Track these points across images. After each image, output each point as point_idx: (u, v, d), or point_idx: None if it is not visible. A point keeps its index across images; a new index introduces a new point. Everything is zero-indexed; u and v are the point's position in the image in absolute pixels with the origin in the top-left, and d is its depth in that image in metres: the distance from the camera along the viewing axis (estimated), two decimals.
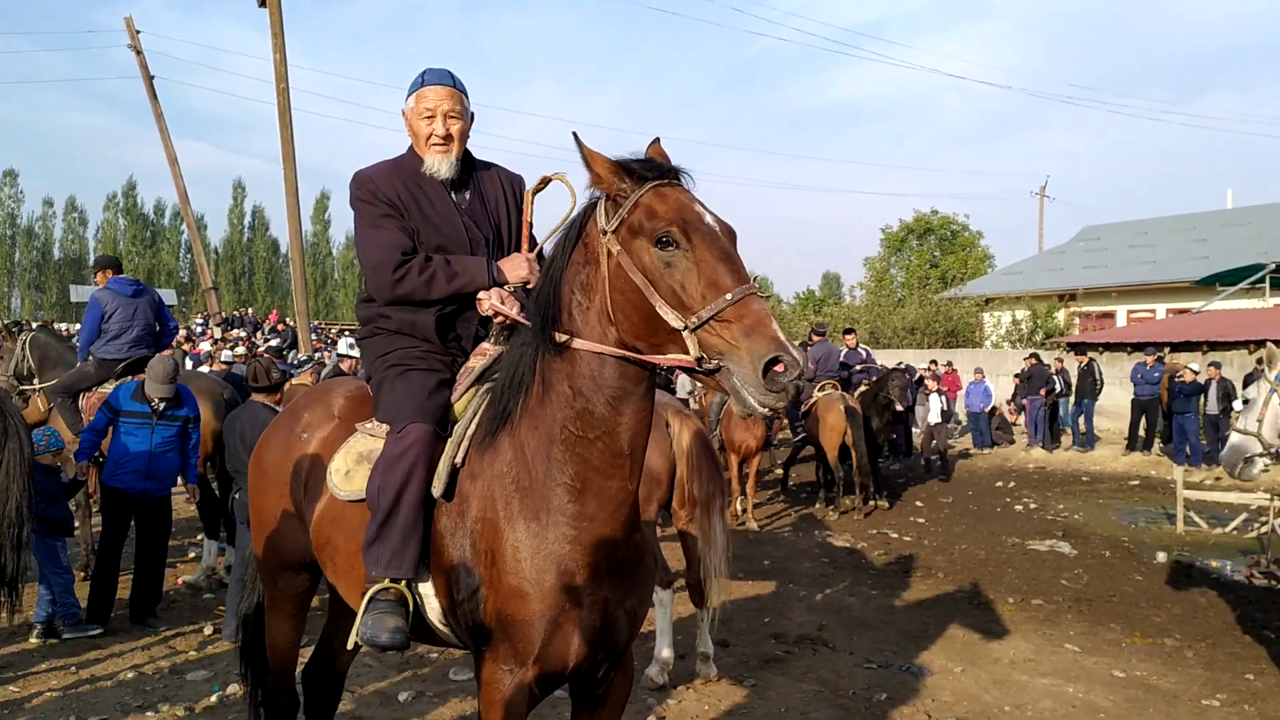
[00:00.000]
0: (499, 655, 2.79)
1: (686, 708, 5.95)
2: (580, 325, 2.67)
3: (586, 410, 2.66)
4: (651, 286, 2.45)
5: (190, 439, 7.73)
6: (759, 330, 2.30)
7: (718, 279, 2.39)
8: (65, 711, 5.62)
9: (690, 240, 2.44)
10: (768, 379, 2.26)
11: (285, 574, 3.72)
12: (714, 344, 2.35)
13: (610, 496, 2.73)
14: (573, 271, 2.70)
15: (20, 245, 74.18)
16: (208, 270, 31.15)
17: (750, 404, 2.31)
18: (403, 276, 3.22)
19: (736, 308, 2.34)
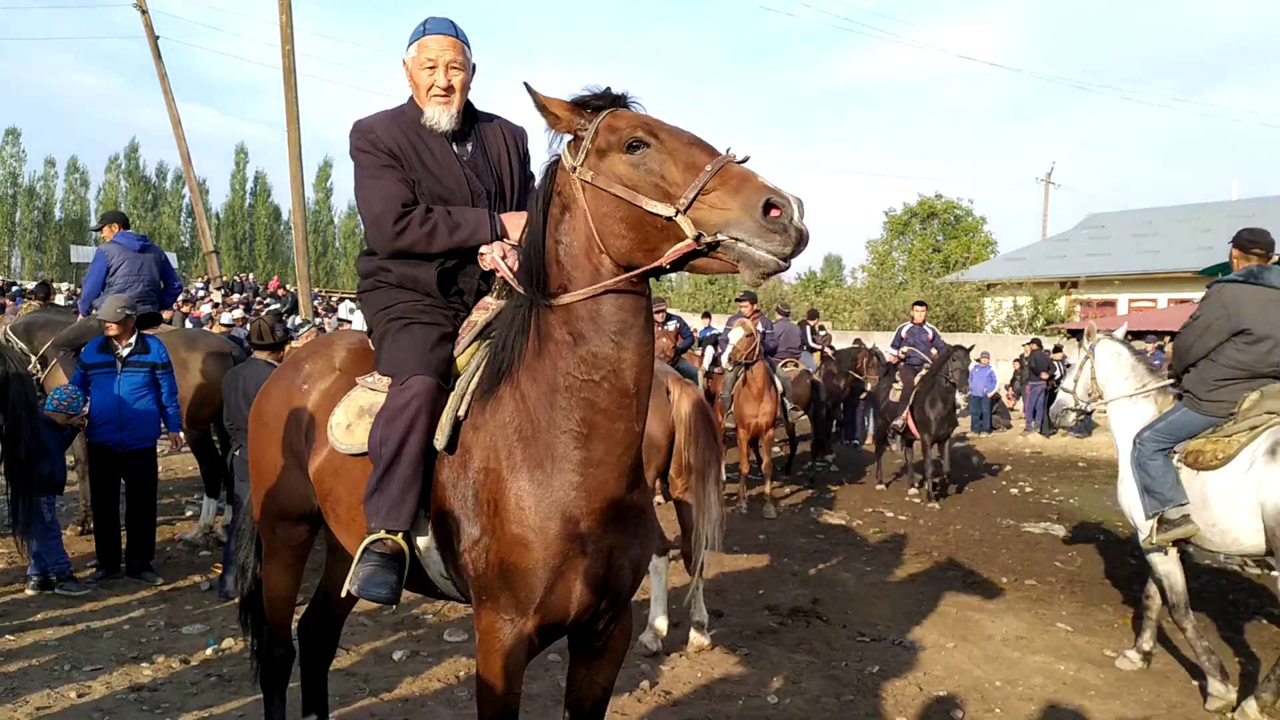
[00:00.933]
0: (500, 605, 2.80)
1: (680, 674, 5.98)
2: (570, 271, 2.66)
3: (590, 353, 2.64)
4: (634, 190, 2.46)
5: (163, 388, 7.69)
6: (745, 185, 2.31)
7: (693, 159, 2.41)
8: (60, 661, 5.65)
9: (658, 136, 2.48)
10: (766, 223, 2.25)
11: (284, 524, 3.73)
12: (707, 217, 2.34)
13: (618, 440, 2.72)
14: (552, 224, 2.69)
15: (21, 205, 73.92)
16: (209, 234, 31.06)
17: (760, 257, 2.28)
18: (404, 229, 3.20)
19: (718, 177, 2.35)
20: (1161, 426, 6.19)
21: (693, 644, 6.41)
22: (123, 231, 8.84)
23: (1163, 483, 6.01)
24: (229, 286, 34.26)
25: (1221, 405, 5.85)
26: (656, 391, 6.20)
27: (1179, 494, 5.93)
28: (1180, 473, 5.98)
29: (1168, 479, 5.99)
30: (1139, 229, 36.70)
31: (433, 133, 3.37)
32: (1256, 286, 5.83)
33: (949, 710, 5.54)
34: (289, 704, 4.13)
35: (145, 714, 4.96)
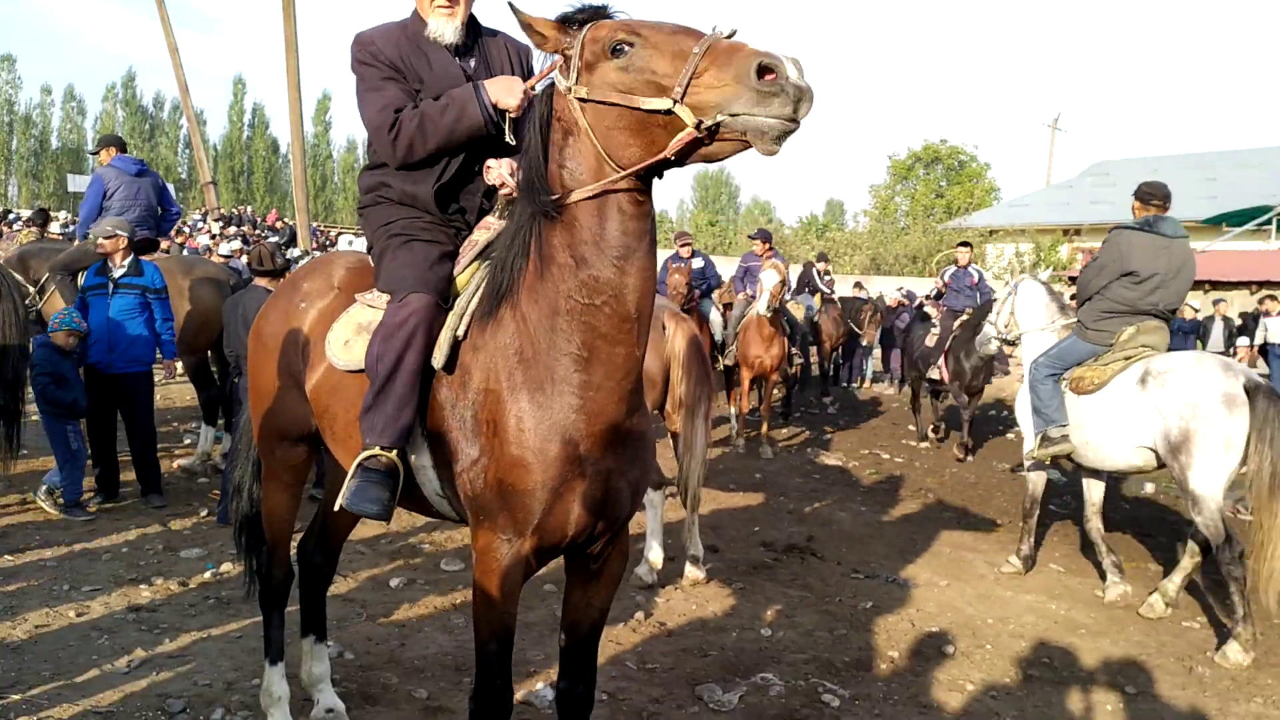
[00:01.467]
0: (497, 525, 2.79)
1: (674, 606, 6.03)
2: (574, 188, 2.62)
3: (592, 277, 2.62)
4: (629, 94, 2.41)
5: (156, 313, 7.65)
6: (735, 56, 2.26)
7: (679, 46, 2.36)
8: (59, 580, 5.69)
9: (639, 34, 2.43)
10: (762, 86, 2.19)
11: (283, 445, 3.71)
12: (705, 99, 2.28)
13: (618, 364, 2.70)
14: (555, 150, 2.64)
15: (18, 133, 73.25)
16: (206, 164, 30.76)
17: (765, 124, 2.22)
18: (398, 133, 3.16)
19: (707, 57, 2.29)
20: (1054, 353, 6.85)
21: (688, 577, 6.45)
22: (120, 155, 8.74)
23: (1049, 404, 6.67)
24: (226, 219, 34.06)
25: (1104, 336, 6.52)
26: (653, 326, 6.18)
27: (1061, 415, 6.59)
28: (1066, 397, 6.62)
29: (1054, 401, 6.65)
30: (1144, 176, 35.98)
31: (435, 45, 3.30)
32: (1149, 234, 6.53)
33: (940, 645, 5.59)
34: (287, 626, 4.15)
35: (144, 633, 5.00)
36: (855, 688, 4.94)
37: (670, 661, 5.13)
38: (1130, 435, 6.29)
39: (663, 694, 4.71)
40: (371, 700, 4.39)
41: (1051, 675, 5.30)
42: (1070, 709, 4.89)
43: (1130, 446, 6.32)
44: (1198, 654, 5.70)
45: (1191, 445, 5.90)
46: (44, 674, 4.45)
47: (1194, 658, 5.64)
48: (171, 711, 4.11)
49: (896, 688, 5.00)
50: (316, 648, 4.10)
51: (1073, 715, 4.81)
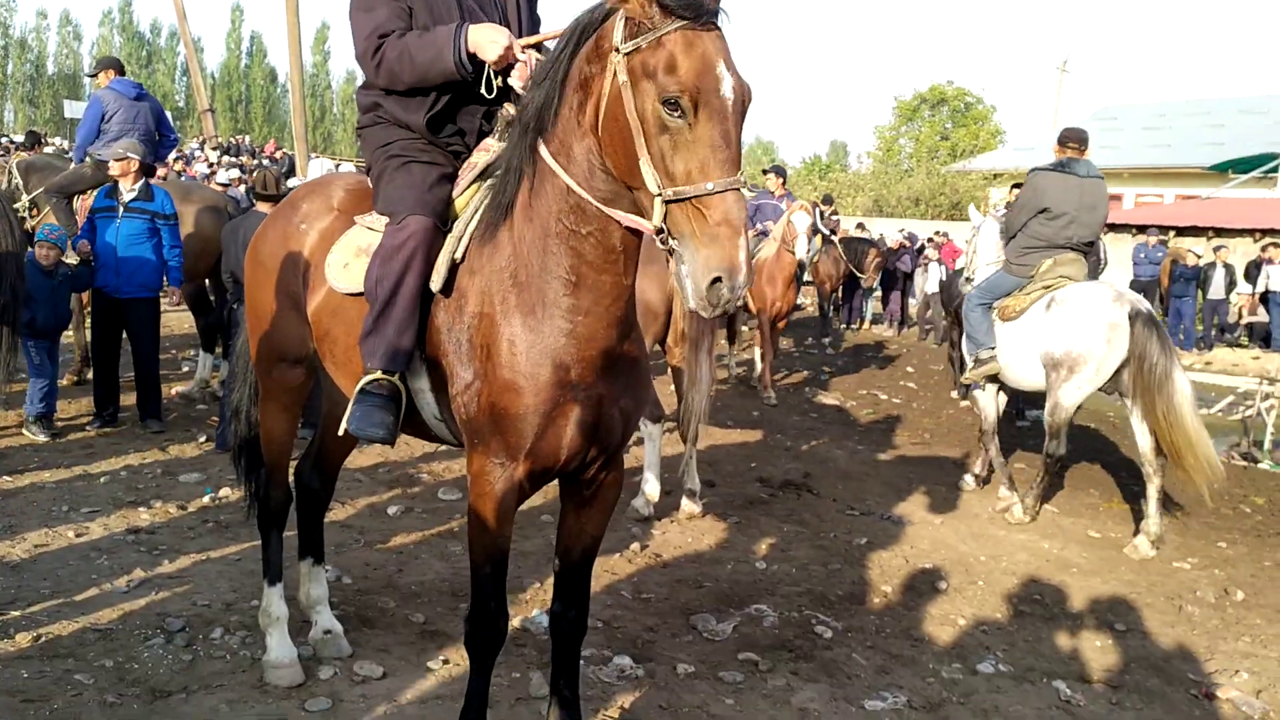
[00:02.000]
0: (491, 449, 2.80)
1: (670, 538, 6.07)
2: (574, 126, 2.59)
3: (579, 206, 2.61)
4: (643, 138, 2.35)
5: (165, 238, 7.60)
6: (721, 241, 2.26)
7: (707, 165, 2.29)
8: (58, 502, 5.72)
9: (697, 115, 2.29)
10: (710, 291, 2.27)
11: (280, 366, 3.70)
12: (679, 225, 2.32)
13: (605, 291, 2.69)
14: (577, 69, 2.57)
15: (13, 57, 72.16)
16: (204, 91, 30.37)
17: (689, 299, 2.33)
18: (380, 61, 3.12)
19: (715, 200, 2.27)
20: (984, 285, 7.47)
21: (684, 511, 6.49)
22: (118, 78, 8.62)
23: (979, 330, 7.33)
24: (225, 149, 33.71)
25: (1026, 269, 7.11)
26: (656, 259, 6.13)
27: (989, 339, 7.24)
28: (995, 324, 7.24)
29: (983, 327, 7.29)
30: (1151, 122, 35.98)
31: None
32: (1062, 174, 7.02)
33: (933, 581, 5.64)
34: (286, 550, 4.17)
35: (143, 555, 5.02)
36: (848, 620, 4.99)
37: (665, 592, 5.17)
38: (1037, 356, 6.93)
39: (657, 623, 4.75)
40: (369, 623, 4.43)
41: (1042, 612, 5.35)
42: (1060, 644, 4.94)
43: (1037, 366, 6.94)
44: (1187, 593, 5.76)
45: (1071, 363, 6.68)
46: (43, 591, 4.48)
47: (1183, 597, 5.70)
48: (170, 630, 4.15)
49: (889, 621, 5.05)
50: (315, 570, 4.12)
51: (1062, 651, 4.87)
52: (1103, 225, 7.34)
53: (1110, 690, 4.45)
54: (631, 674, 4.14)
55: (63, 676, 3.71)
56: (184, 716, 3.50)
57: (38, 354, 7.14)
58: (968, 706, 4.17)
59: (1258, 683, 4.62)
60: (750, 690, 4.13)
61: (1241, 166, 27.07)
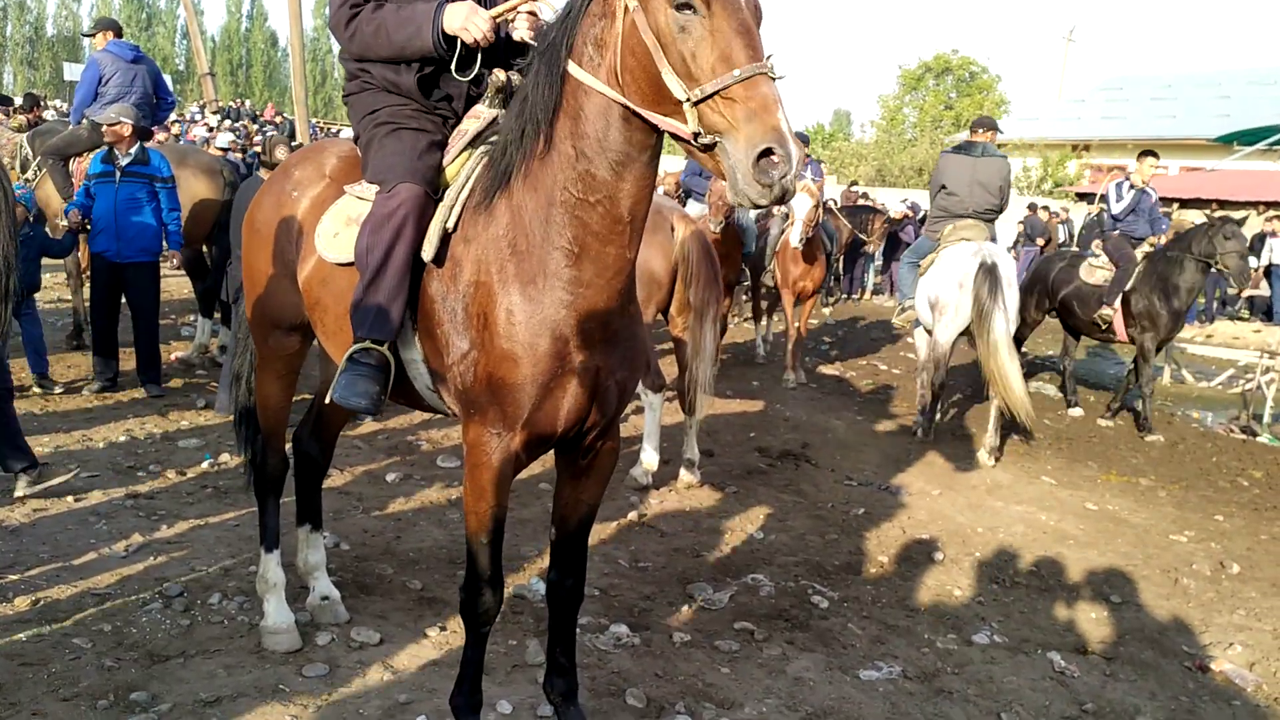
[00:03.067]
0: (487, 419, 2.79)
1: (667, 507, 6.08)
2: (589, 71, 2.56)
3: (589, 173, 2.57)
4: (661, 50, 2.32)
5: (163, 202, 7.56)
6: (761, 116, 2.18)
7: (730, 53, 2.25)
8: (56, 466, 5.69)
9: (710, 7, 2.28)
10: (758, 169, 2.17)
11: (276, 333, 3.69)
12: (714, 121, 2.25)
13: (608, 264, 2.67)
14: (589, 23, 2.55)
15: (12, 19, 71.57)
16: (204, 54, 30.14)
17: (740, 188, 2.23)
18: (354, 32, 3.11)
19: (744, 86, 2.21)
20: (912, 248, 9.42)
21: (682, 480, 6.49)
22: (115, 40, 8.53)
23: (905, 284, 8.93)
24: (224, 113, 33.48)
25: (934, 234, 8.61)
26: (660, 228, 6.11)
27: (911, 291, 8.63)
28: (919, 279, 8.48)
29: (908, 281, 8.79)
30: (1158, 93, 35.76)
31: None
32: (961, 155, 8.51)
33: (930, 552, 5.65)
34: (285, 516, 4.18)
35: (141, 520, 5.03)
36: (844, 590, 5.01)
37: (662, 560, 5.18)
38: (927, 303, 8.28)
39: (654, 591, 4.77)
40: (366, 590, 4.44)
41: (1038, 584, 5.37)
42: (1055, 616, 4.96)
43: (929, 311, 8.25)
44: (1183, 566, 5.77)
45: (941, 307, 8.01)
46: (42, 556, 4.49)
47: (1179, 569, 5.71)
48: (169, 595, 4.16)
49: (885, 591, 5.07)
50: (312, 536, 4.12)
51: (1057, 622, 4.89)
52: (1001, 196, 8.38)
53: (1105, 662, 4.47)
54: (628, 642, 4.16)
55: (61, 640, 3.73)
56: (181, 681, 3.51)
57: None
58: (962, 676, 4.19)
59: (1251, 655, 4.64)
60: (746, 659, 4.15)
61: (1247, 138, 26.89)
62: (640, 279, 2.89)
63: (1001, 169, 8.36)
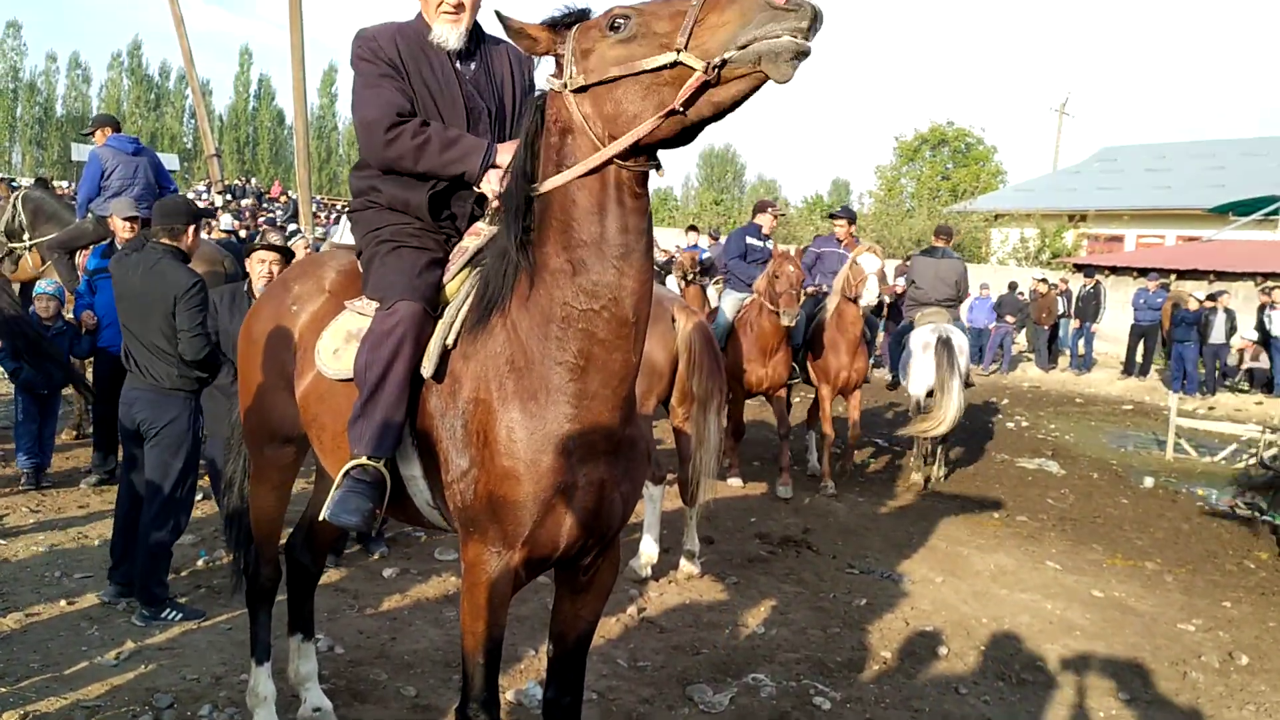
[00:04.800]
0: (487, 537, 2.75)
1: (667, 600, 6.01)
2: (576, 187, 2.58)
3: (590, 281, 2.56)
4: (631, 62, 2.37)
5: None
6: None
7: (678, 6, 2.32)
8: (51, 567, 5.68)
9: (635, 8, 2.41)
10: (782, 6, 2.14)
11: (271, 444, 3.67)
12: (709, 41, 2.24)
13: (614, 371, 2.65)
14: (550, 151, 2.60)
15: (22, 100, 72.87)
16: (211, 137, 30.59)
17: (778, 44, 2.15)
18: (395, 137, 3.11)
19: (705, 6, 2.26)
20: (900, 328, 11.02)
21: (682, 571, 6.43)
22: (115, 135, 8.67)
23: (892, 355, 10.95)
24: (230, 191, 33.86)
25: (910, 317, 10.26)
26: (661, 318, 6.13)
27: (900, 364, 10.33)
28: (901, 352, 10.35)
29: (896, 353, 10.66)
30: (1152, 163, 36.14)
31: (436, 50, 3.25)
32: (926, 257, 10.35)
33: (934, 645, 5.57)
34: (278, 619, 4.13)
35: (133, 625, 4.97)
36: (847, 689, 4.92)
37: (661, 659, 5.11)
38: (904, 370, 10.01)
39: (653, 694, 4.69)
40: (360, 697, 4.37)
41: (1045, 679, 5.28)
42: (1063, 715, 4.87)
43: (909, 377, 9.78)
44: (1192, 658, 5.68)
45: (911, 371, 9.66)
46: (33, 665, 4.43)
47: (1188, 662, 5.62)
48: (159, 707, 4.10)
49: (889, 690, 4.98)
50: (304, 645, 4.06)
51: None
52: (958, 289, 10.06)
53: None
54: None
55: None
56: None
57: (27, 405, 7.17)
58: None
59: None
60: None
61: (1243, 209, 27.14)
62: (641, 370, 2.88)
63: (957, 268, 10.13)
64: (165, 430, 5.06)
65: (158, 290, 5.02)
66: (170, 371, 5.08)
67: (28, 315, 6.71)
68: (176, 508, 5.12)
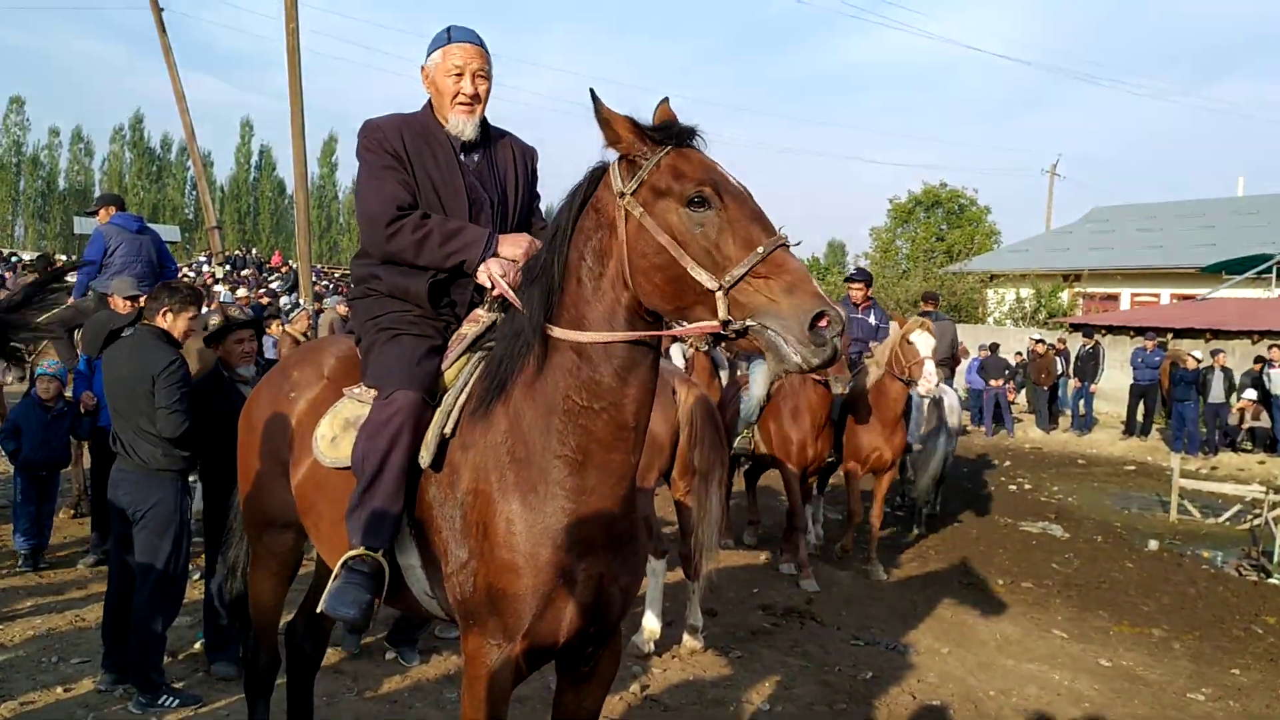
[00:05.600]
0: (487, 629, 2.73)
1: (671, 677, 5.94)
2: (588, 295, 2.60)
3: (593, 380, 2.59)
4: (681, 247, 2.39)
5: None
6: (801, 286, 2.27)
7: (751, 236, 2.35)
8: (48, 652, 5.61)
9: (723, 200, 2.40)
10: (814, 333, 2.22)
11: (270, 531, 3.66)
12: (751, 302, 2.30)
13: (612, 470, 2.67)
14: (582, 238, 2.62)
15: (25, 174, 73.81)
16: (212, 209, 30.90)
17: (792, 359, 2.26)
18: (396, 232, 3.13)
19: (769, 263, 2.30)
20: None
21: (685, 646, 6.36)
22: (120, 213, 8.75)
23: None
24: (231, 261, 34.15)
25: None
26: (662, 391, 6.13)
27: None
28: None
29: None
30: (1143, 224, 36.47)
31: (440, 140, 3.30)
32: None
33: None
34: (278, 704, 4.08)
35: (132, 713, 4.90)
36: None
37: None
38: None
39: None
40: None
41: None
42: None
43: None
44: None
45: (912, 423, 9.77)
46: None
47: None
48: None
49: None
50: None
51: None
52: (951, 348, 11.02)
53: None
54: None
55: None
56: None
57: (26, 485, 7.15)
58: None
59: None
60: None
61: (1235, 267, 27.32)
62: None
63: (948, 329, 10.77)
64: (151, 512, 5.04)
65: (140, 370, 5.05)
66: (155, 452, 5.07)
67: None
68: (168, 590, 5.08)
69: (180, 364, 5.16)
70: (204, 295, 6.62)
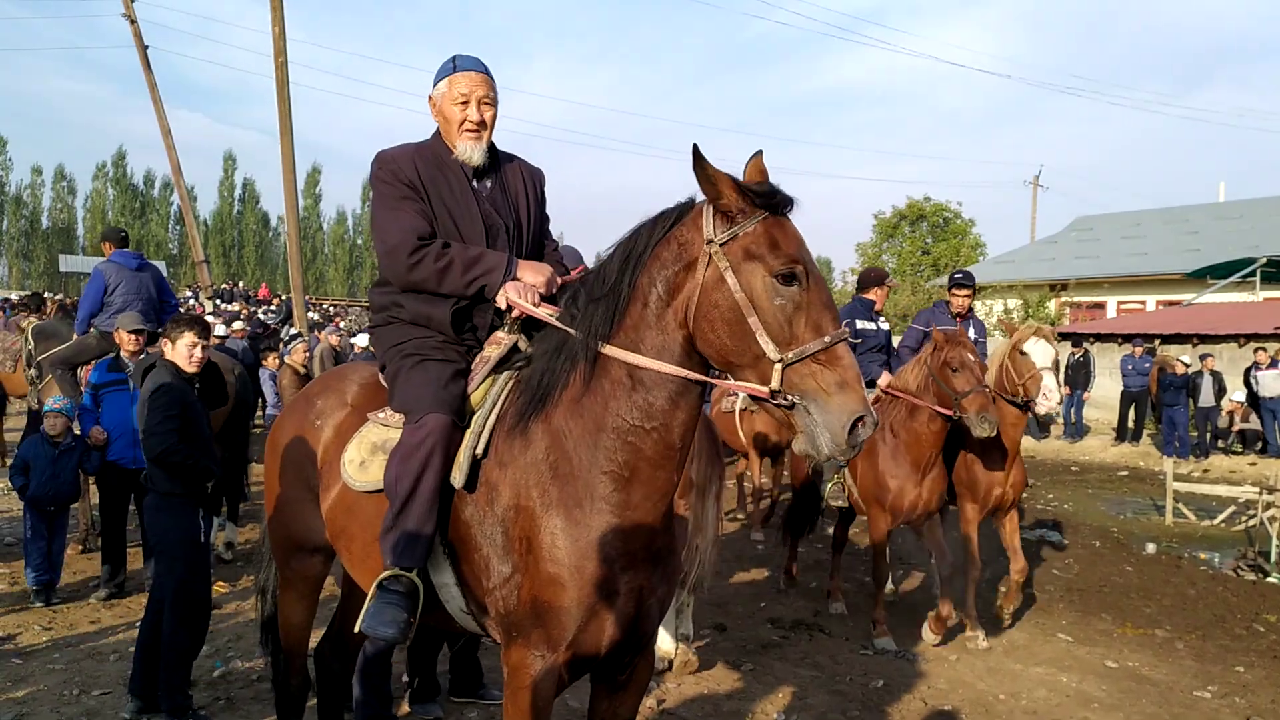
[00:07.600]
0: (531, 641, 2.81)
1: (685, 691, 6.00)
2: (652, 319, 2.69)
3: (647, 401, 2.69)
4: (755, 312, 2.50)
5: None
6: (851, 386, 2.41)
7: (821, 323, 2.48)
8: (69, 685, 5.64)
9: (808, 283, 2.51)
10: (851, 435, 2.37)
11: (298, 555, 3.74)
12: (803, 384, 2.43)
13: (657, 487, 2.76)
14: (657, 266, 2.70)
15: (8, 213, 73.79)
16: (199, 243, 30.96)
17: (822, 449, 2.41)
18: (418, 262, 3.20)
19: (830, 352, 2.43)
20: None
21: (678, 657, 6.39)
22: (120, 250, 8.82)
23: None
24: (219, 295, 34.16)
25: None
26: None
27: None
28: None
29: None
30: (1127, 231, 36.85)
31: (453, 168, 3.39)
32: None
33: None
34: None
35: None
36: None
37: None
38: None
39: None
40: None
41: None
42: None
43: None
44: None
45: None
46: None
47: None
48: None
49: None
50: None
51: None
52: None
53: None
54: None
55: None
56: None
57: (36, 521, 7.20)
58: None
59: None
60: None
61: (1220, 272, 27.62)
62: None
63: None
64: (165, 537, 5.19)
65: (142, 397, 5.38)
66: (163, 476, 5.22)
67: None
68: (190, 613, 5.15)
69: (164, 390, 5.34)
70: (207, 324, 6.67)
